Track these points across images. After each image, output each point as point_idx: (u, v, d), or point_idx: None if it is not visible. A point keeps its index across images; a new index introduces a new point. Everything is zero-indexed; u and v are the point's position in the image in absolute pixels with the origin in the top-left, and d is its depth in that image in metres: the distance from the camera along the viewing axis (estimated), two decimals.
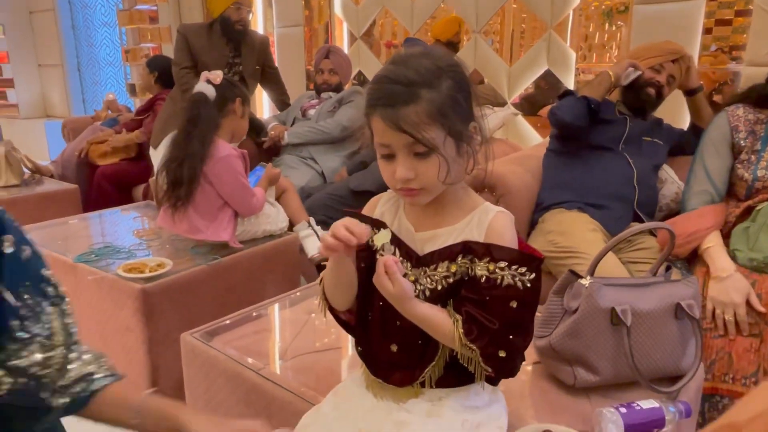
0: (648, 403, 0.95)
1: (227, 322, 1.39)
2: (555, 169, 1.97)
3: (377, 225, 0.86)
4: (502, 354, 0.76)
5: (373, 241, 0.84)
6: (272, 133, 2.87)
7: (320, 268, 2.19)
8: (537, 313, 1.24)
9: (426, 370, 0.82)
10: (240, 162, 1.87)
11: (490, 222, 0.80)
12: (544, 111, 3.07)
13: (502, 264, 0.76)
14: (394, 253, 0.82)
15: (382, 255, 0.80)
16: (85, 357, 0.81)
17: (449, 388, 0.84)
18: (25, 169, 2.99)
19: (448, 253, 0.79)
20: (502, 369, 0.79)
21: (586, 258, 1.58)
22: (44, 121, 5.77)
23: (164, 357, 1.62)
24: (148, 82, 3.39)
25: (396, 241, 0.84)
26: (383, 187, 0.86)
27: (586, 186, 1.84)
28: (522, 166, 2.04)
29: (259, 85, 3.26)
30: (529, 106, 3.08)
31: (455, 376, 0.84)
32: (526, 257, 0.77)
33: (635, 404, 0.95)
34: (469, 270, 0.78)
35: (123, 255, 1.83)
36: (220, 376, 1.20)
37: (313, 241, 2.19)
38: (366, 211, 0.90)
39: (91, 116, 4.03)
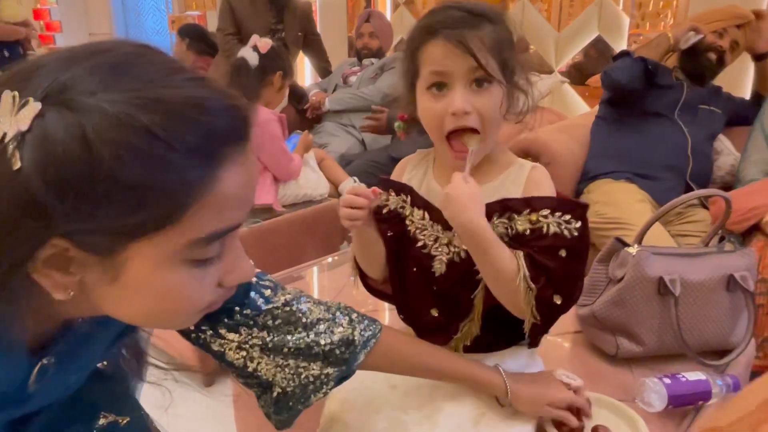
0: (694, 375, 0.92)
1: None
2: (604, 138, 1.91)
3: (403, 191, 0.83)
4: (557, 300, 0.73)
5: (387, 203, 0.83)
6: (313, 99, 2.87)
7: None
8: None
9: (462, 324, 0.81)
10: (278, 126, 1.88)
11: (527, 176, 0.77)
12: (593, 80, 2.96)
13: (545, 212, 0.73)
14: (423, 218, 0.80)
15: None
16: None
17: (485, 353, 0.84)
18: None
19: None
20: (551, 319, 0.75)
21: (633, 229, 1.53)
22: None
23: None
24: (180, 50, 3.42)
25: (425, 204, 0.81)
26: None
27: (637, 155, 1.78)
28: (568, 134, 1.99)
29: (301, 52, 3.26)
30: (577, 74, 2.98)
31: (492, 339, 0.83)
32: (569, 203, 0.73)
33: (680, 375, 0.92)
34: (509, 229, 0.75)
35: None
36: None
37: None
38: (394, 176, 0.88)
39: None
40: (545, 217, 0.73)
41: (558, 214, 0.73)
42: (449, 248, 0.79)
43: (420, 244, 0.81)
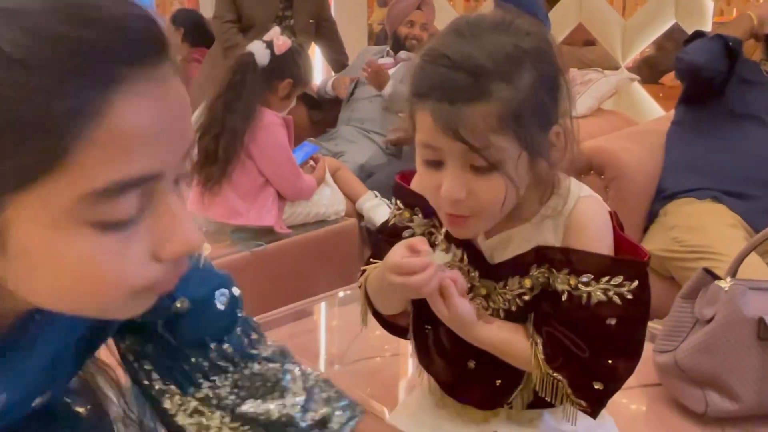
0: None
1: (275, 317, 1.44)
2: (682, 147, 1.91)
3: (436, 215, 0.79)
4: (597, 386, 0.72)
5: (411, 224, 0.83)
6: (339, 88, 2.83)
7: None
8: (654, 326, 1.22)
9: (514, 394, 0.80)
10: (283, 131, 1.91)
11: (570, 215, 0.73)
12: (669, 78, 2.98)
13: (586, 278, 0.70)
14: (461, 260, 0.79)
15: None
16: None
17: (541, 409, 0.83)
18: None
19: (518, 265, 0.75)
20: (600, 402, 0.75)
21: (721, 260, 1.53)
22: None
23: None
24: (174, 41, 3.51)
25: (465, 243, 0.79)
26: None
27: (724, 168, 1.78)
28: (639, 143, 2.00)
29: (313, 43, 3.32)
30: (648, 70, 3.00)
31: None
32: (619, 264, 0.70)
33: None
34: (550, 281, 0.74)
35: None
36: None
37: (383, 210, 2.21)
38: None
39: None
40: (586, 284, 0.70)
41: (605, 279, 0.70)
42: (488, 303, 0.79)
43: None
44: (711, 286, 1.06)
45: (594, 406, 0.75)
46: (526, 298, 0.76)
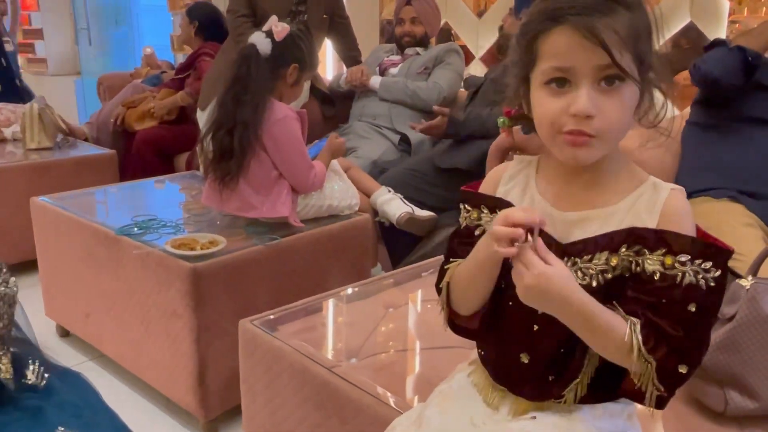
0: None
1: (291, 311, 1.45)
2: (699, 147, 1.91)
3: (499, 207, 0.83)
4: (682, 370, 0.73)
5: (480, 222, 0.85)
6: (355, 75, 2.86)
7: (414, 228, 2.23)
8: None
9: (568, 389, 0.81)
10: (297, 124, 1.91)
11: (665, 202, 0.76)
12: (683, 76, 2.96)
13: (683, 258, 0.73)
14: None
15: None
16: None
17: (590, 403, 0.83)
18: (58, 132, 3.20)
19: (607, 242, 0.76)
20: (675, 388, 0.75)
21: (740, 259, 1.51)
22: (74, 79, 6.11)
23: (213, 348, 1.69)
24: (188, 33, 3.51)
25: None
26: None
27: (741, 168, 1.78)
28: (654, 141, 1.98)
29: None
30: None
31: (595, 392, 0.82)
32: (712, 249, 0.73)
33: None
34: (634, 265, 0.75)
35: (170, 229, 1.93)
36: (284, 371, 1.25)
37: (396, 204, 2.22)
38: (485, 188, 0.89)
39: (129, 73, 4.25)
40: (683, 264, 0.73)
41: (698, 261, 0.73)
42: None
43: None
44: (732, 284, 1.06)
45: (671, 391, 0.75)
46: (608, 276, 0.76)
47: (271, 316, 1.40)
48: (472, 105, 2.49)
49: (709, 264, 0.73)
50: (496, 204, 0.85)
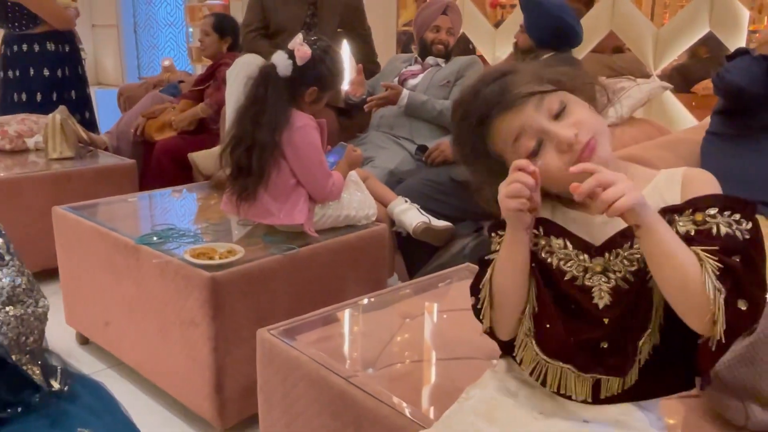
0: None
1: (308, 320, 1.45)
2: (718, 158, 1.89)
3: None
4: (742, 306, 0.74)
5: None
6: (386, 92, 2.79)
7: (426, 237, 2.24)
8: None
9: (642, 339, 0.81)
10: (316, 133, 1.92)
11: (683, 175, 0.83)
12: (702, 86, 2.95)
13: (712, 210, 0.77)
14: (564, 247, 0.87)
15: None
16: None
17: (631, 402, 0.85)
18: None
19: None
20: (735, 332, 0.75)
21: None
22: (95, 89, 6.19)
23: (231, 357, 1.70)
24: (217, 49, 3.53)
25: (562, 231, 0.87)
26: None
27: (762, 179, 1.76)
28: (673, 152, 1.98)
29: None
30: (681, 79, 2.96)
31: (648, 384, 0.84)
32: (737, 201, 0.77)
33: None
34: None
35: (188, 239, 1.95)
36: (301, 380, 1.25)
37: (413, 214, 2.22)
38: None
39: (137, 83, 4.27)
40: (713, 216, 0.76)
41: (727, 213, 0.76)
42: (608, 277, 0.83)
43: (568, 277, 0.86)
44: None
45: (729, 334, 0.74)
46: None
47: (289, 326, 1.41)
48: None
49: (738, 216, 0.76)
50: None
